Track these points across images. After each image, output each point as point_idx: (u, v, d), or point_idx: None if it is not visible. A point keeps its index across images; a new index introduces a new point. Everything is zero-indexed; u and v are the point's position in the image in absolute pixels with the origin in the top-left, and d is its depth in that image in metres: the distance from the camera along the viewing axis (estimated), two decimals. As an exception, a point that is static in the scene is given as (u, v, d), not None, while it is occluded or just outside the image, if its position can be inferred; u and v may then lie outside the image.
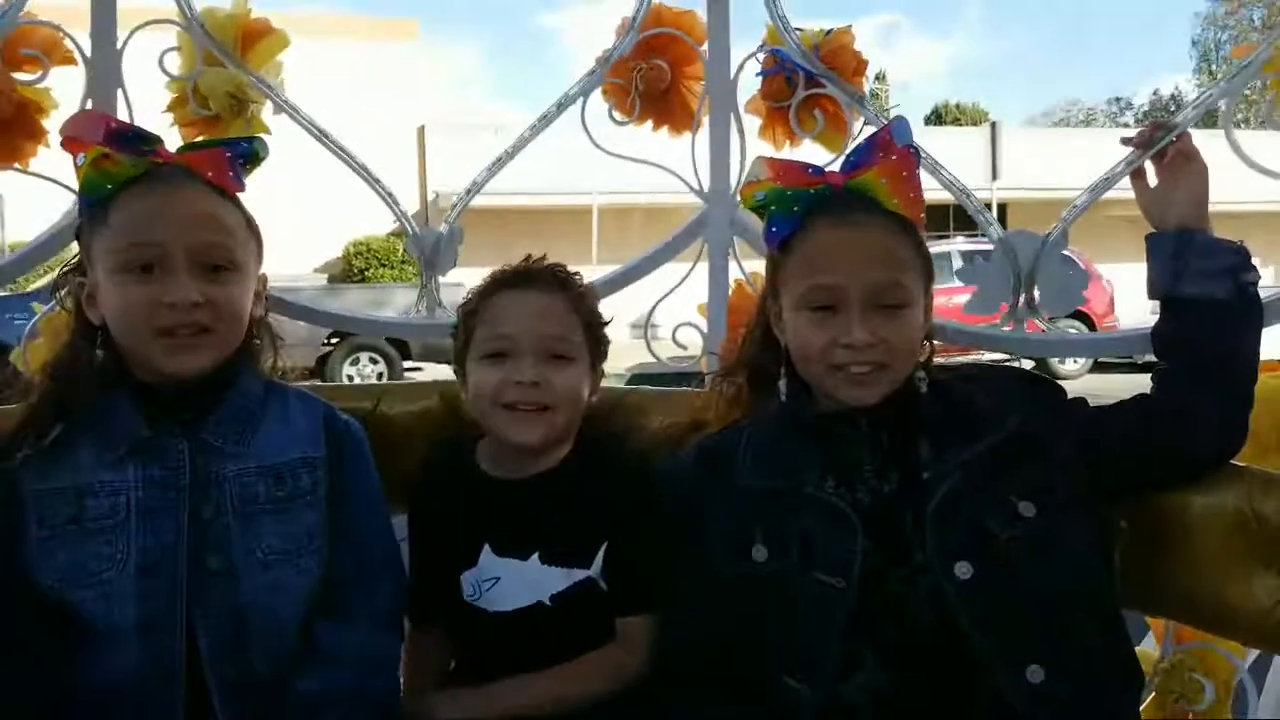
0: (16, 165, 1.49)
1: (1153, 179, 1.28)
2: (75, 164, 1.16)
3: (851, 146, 1.50)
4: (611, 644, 1.23)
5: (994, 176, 18.15)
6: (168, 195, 1.14)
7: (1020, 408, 1.16)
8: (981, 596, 1.06)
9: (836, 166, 1.22)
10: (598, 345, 1.32)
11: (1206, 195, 1.21)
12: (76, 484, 1.11)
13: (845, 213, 1.15)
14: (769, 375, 1.24)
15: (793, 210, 1.17)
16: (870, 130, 1.39)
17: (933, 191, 1.49)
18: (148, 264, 1.12)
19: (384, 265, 15.69)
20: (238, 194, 1.20)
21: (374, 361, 9.74)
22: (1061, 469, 1.13)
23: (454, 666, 1.33)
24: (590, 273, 1.40)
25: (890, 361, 1.14)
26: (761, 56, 1.60)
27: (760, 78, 1.60)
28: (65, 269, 1.22)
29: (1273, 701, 1.44)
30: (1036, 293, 1.47)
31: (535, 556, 1.24)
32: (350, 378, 9.56)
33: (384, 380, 9.63)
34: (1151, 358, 1.23)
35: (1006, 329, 1.49)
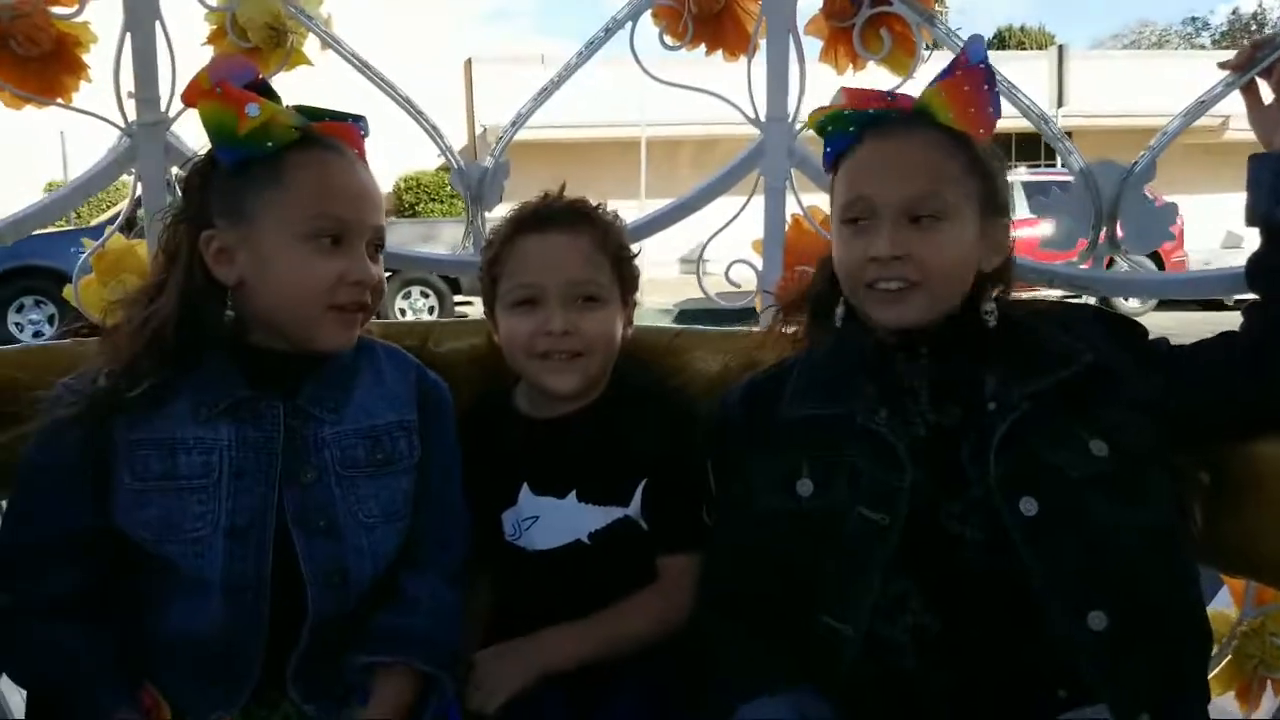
0: (59, 100, 1.46)
1: (1267, 95, 1.18)
2: (243, 114, 1.06)
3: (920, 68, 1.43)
4: (656, 584, 1.21)
5: (1060, 104, 17.44)
6: (350, 169, 1.14)
7: (1095, 343, 1.09)
8: (1046, 534, 0.99)
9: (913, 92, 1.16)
10: (627, 280, 1.28)
11: None
12: (170, 438, 1.09)
13: (895, 129, 1.11)
14: (829, 307, 1.20)
15: (848, 130, 1.13)
16: (940, 53, 1.31)
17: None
18: (338, 237, 1.11)
19: (434, 200, 15.71)
20: None
21: (425, 296, 9.80)
22: (1137, 410, 1.06)
23: (498, 609, 1.31)
24: (638, 207, 1.34)
25: (923, 279, 1.07)
26: (824, -27, 1.50)
27: (822, -3, 1.50)
28: (178, 218, 1.15)
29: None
30: (1119, 228, 1.37)
31: (572, 495, 1.23)
32: (402, 311, 9.64)
33: (435, 314, 9.73)
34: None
35: (1084, 266, 1.40)
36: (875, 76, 1.40)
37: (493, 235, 1.29)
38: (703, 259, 1.67)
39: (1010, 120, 1.44)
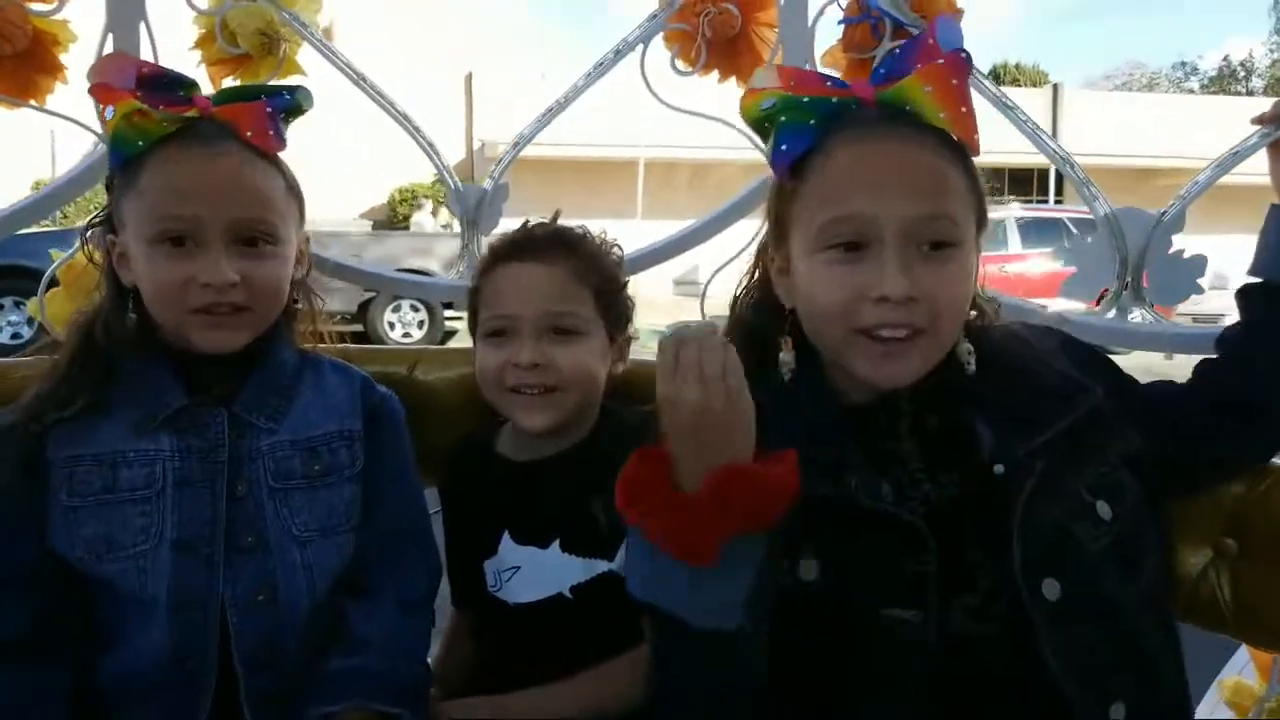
0: (33, 102, 1.38)
1: None
2: (102, 115, 1.06)
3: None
4: (641, 648, 1.10)
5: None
6: (204, 162, 1.04)
7: (1086, 382, 0.94)
8: (1070, 621, 0.86)
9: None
10: (613, 314, 1.21)
11: None
12: (110, 452, 1.04)
13: (878, 127, 0.89)
14: (764, 345, 0.97)
15: (808, 122, 0.89)
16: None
17: (987, 154, 1.33)
18: (179, 237, 1.03)
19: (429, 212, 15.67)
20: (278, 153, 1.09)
21: (415, 310, 9.71)
22: (1128, 461, 0.94)
23: (480, 662, 1.25)
24: (634, 227, 1.27)
25: (932, 325, 0.88)
26: (844, 2, 1.44)
27: (842, 25, 1.43)
28: (92, 221, 1.13)
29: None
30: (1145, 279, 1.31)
31: (555, 545, 1.16)
32: (391, 324, 9.55)
33: (425, 329, 9.64)
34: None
35: (1108, 316, 1.34)
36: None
37: (481, 257, 1.24)
38: (701, 284, 1.61)
39: (1004, 155, 1.38)
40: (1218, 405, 1.02)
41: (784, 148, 0.90)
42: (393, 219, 15.54)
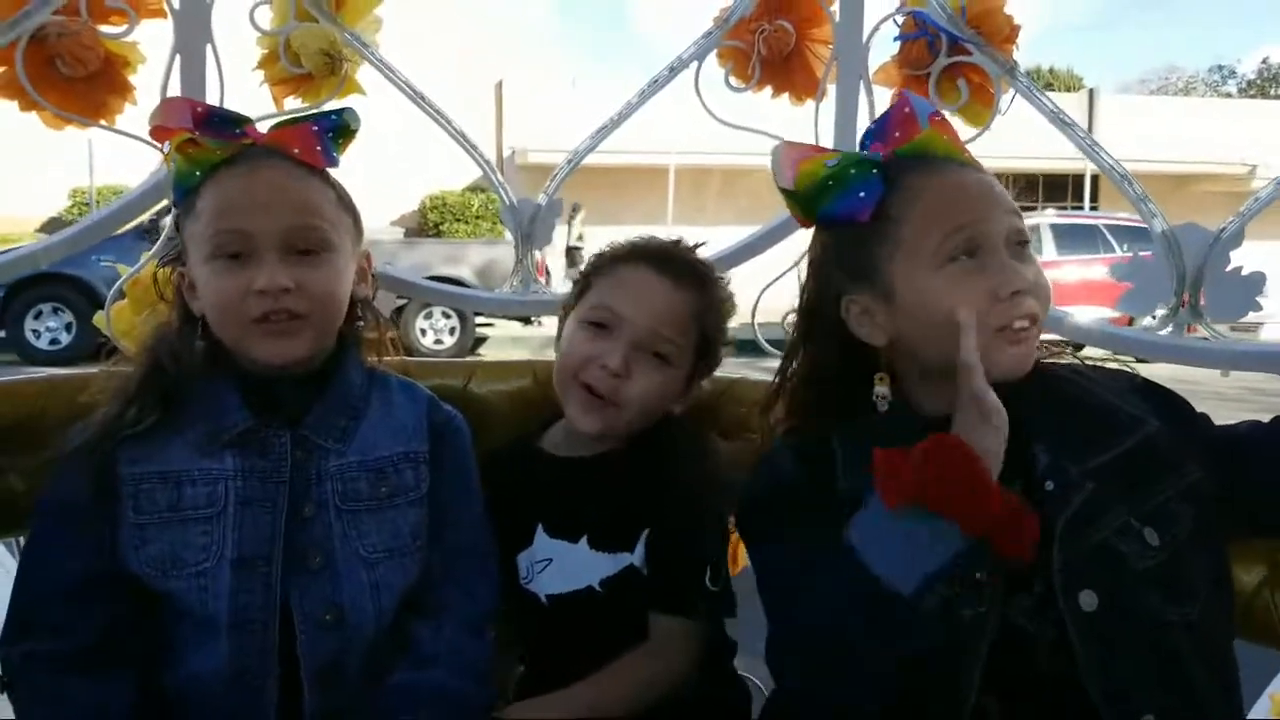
0: (103, 122, 1.42)
1: None
2: (163, 152, 1.11)
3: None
4: (645, 646, 1.14)
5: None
6: (252, 177, 1.08)
7: (1147, 415, 1.01)
8: (1104, 632, 0.92)
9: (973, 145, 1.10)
10: (705, 358, 1.23)
11: None
12: (175, 470, 1.07)
13: (940, 163, 1.00)
14: (851, 391, 1.04)
15: (873, 172, 0.99)
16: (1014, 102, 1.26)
17: (1021, 160, 1.33)
18: (236, 252, 1.06)
19: (459, 220, 15.76)
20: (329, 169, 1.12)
21: (446, 316, 9.79)
22: (1188, 494, 0.98)
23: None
24: (665, 234, 1.29)
25: (1038, 319, 0.98)
26: (900, 19, 1.44)
27: (898, 42, 1.44)
28: (165, 259, 1.19)
29: None
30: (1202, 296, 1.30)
31: (584, 540, 1.18)
32: (423, 331, 9.64)
33: (456, 335, 9.72)
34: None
35: (1164, 332, 1.33)
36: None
37: (610, 247, 1.25)
38: (755, 306, 1.61)
39: (1037, 161, 1.37)
40: None
41: (862, 195, 0.98)
42: (423, 226, 15.68)
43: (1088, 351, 1.36)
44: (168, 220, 1.45)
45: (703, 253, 1.27)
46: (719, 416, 1.38)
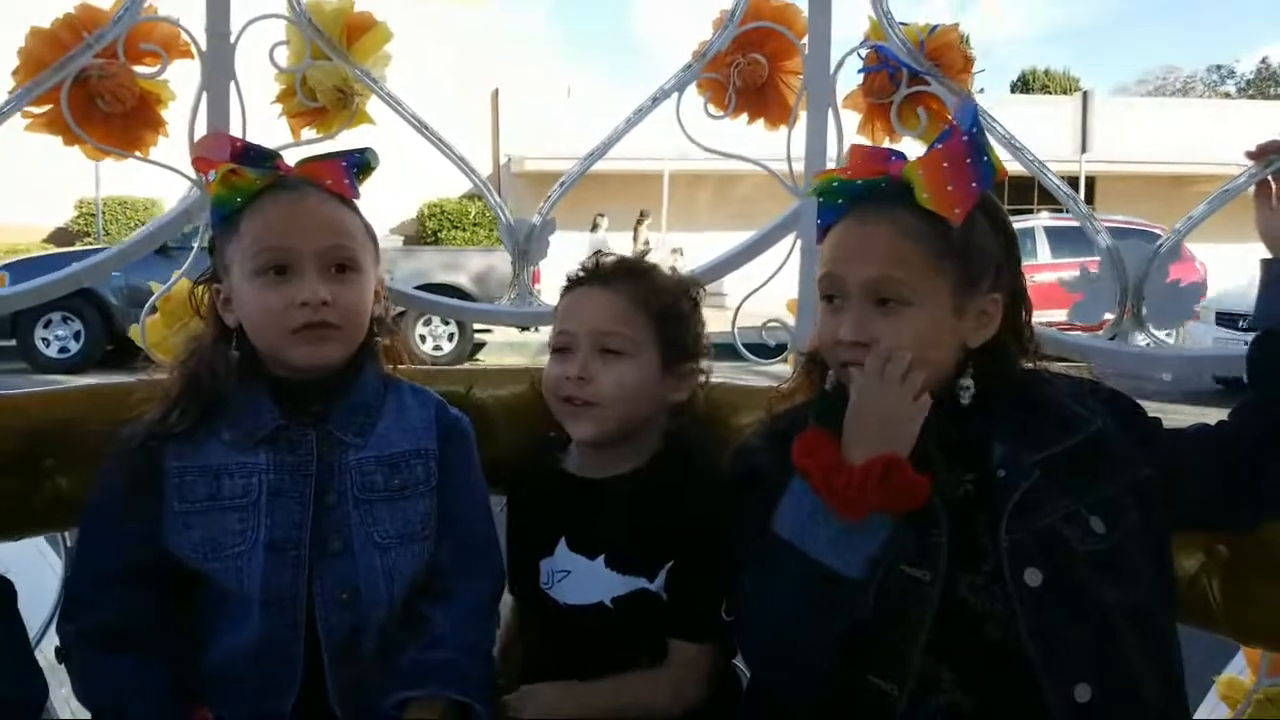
0: (137, 154, 1.55)
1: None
2: (206, 180, 1.25)
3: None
4: (664, 667, 1.24)
5: (1083, 149, 17.50)
6: (294, 203, 1.22)
7: (1099, 416, 1.13)
8: (1046, 607, 1.03)
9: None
10: (670, 339, 1.30)
11: None
12: (214, 465, 1.20)
13: (872, 207, 1.11)
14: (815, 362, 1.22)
15: (837, 202, 1.13)
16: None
17: (1018, 164, 1.45)
18: (281, 266, 1.19)
19: (456, 228, 15.87)
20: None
21: (445, 323, 9.91)
22: (1135, 489, 1.10)
23: (529, 654, 1.38)
24: (659, 239, 1.40)
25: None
26: (864, 52, 1.58)
27: (862, 74, 1.57)
28: (200, 280, 1.31)
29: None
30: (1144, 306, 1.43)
31: (601, 558, 1.27)
32: (423, 337, 9.76)
33: (455, 341, 9.84)
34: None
35: (1108, 340, 1.46)
36: (912, 148, 1.47)
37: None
38: (724, 295, 1.74)
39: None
40: (1229, 452, 1.14)
41: (820, 220, 1.15)
42: (422, 234, 15.79)
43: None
44: (197, 241, 1.59)
45: (688, 259, 1.37)
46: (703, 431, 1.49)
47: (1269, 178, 1.23)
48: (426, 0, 15.70)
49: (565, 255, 1.60)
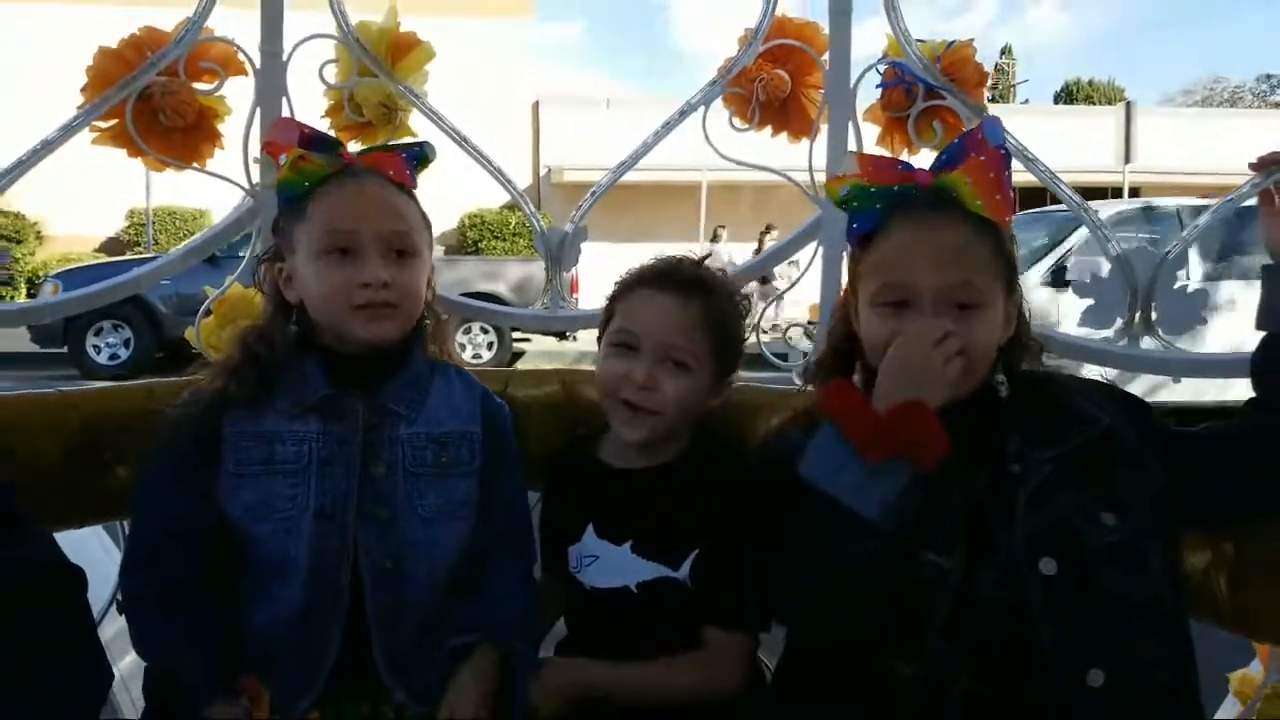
0: (195, 165, 1.66)
1: None
2: (278, 162, 1.34)
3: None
4: (700, 654, 1.29)
5: (1126, 160, 17.26)
6: (359, 189, 1.31)
7: (1109, 415, 1.18)
8: (1060, 594, 1.08)
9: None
10: (725, 356, 1.36)
11: None
12: (269, 431, 1.27)
13: (926, 213, 1.15)
14: (847, 369, 1.27)
15: (875, 207, 1.17)
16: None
17: (1061, 174, 1.49)
18: (345, 248, 1.28)
19: (497, 238, 16.09)
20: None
21: (485, 332, 10.07)
22: (1145, 485, 1.15)
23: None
24: (698, 250, 1.45)
25: (966, 363, 1.13)
26: (882, 68, 1.64)
27: (880, 89, 1.63)
28: (263, 257, 1.40)
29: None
30: (1154, 311, 1.47)
31: (628, 545, 1.33)
32: (463, 346, 9.91)
33: (494, 350, 9.99)
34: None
35: (1120, 344, 1.50)
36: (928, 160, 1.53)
37: (627, 274, 1.41)
38: (759, 320, 1.80)
39: (1075, 175, 1.51)
40: (1235, 451, 1.19)
41: (855, 226, 1.19)
42: (463, 244, 16.03)
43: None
44: (247, 249, 1.69)
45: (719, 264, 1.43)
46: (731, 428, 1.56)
47: (1271, 187, 1.27)
48: (467, 15, 16.01)
49: (599, 266, 1.66)
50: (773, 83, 1.65)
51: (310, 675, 1.23)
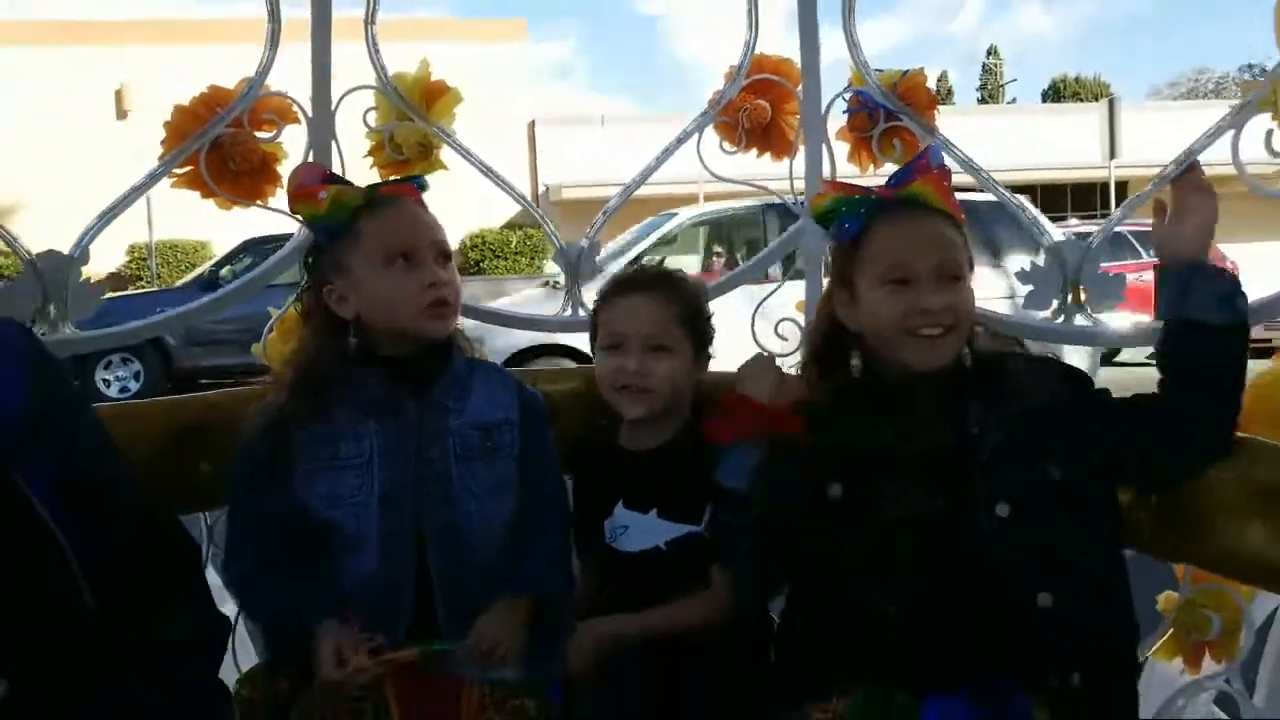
0: (259, 202, 1.92)
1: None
2: (319, 197, 1.53)
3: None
4: (706, 591, 1.53)
5: (1112, 155, 17.57)
6: (403, 209, 1.55)
7: (1055, 385, 1.42)
8: (1014, 534, 1.31)
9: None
10: (697, 333, 1.63)
11: (1213, 229, 1.41)
12: (332, 432, 1.49)
13: (907, 212, 1.40)
14: (841, 357, 1.46)
15: (859, 212, 1.41)
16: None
17: (1048, 171, 1.73)
18: (408, 257, 1.50)
19: (499, 257, 16.37)
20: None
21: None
22: (1086, 443, 1.37)
23: (594, 599, 1.68)
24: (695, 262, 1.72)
25: (956, 324, 1.36)
26: (848, 96, 1.91)
27: (846, 114, 1.90)
28: (306, 287, 1.61)
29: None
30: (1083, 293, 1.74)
31: (654, 512, 1.59)
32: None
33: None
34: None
35: (1057, 322, 1.76)
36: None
37: (600, 291, 1.68)
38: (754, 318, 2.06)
39: (1065, 172, 1.75)
40: (1150, 419, 1.41)
41: (846, 226, 1.42)
42: (465, 265, 16.30)
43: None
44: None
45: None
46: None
47: (1165, 198, 1.48)
48: (463, 40, 16.34)
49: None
50: (755, 112, 1.93)
51: (387, 635, 1.43)
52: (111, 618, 1.14)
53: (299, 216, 1.60)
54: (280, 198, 1.94)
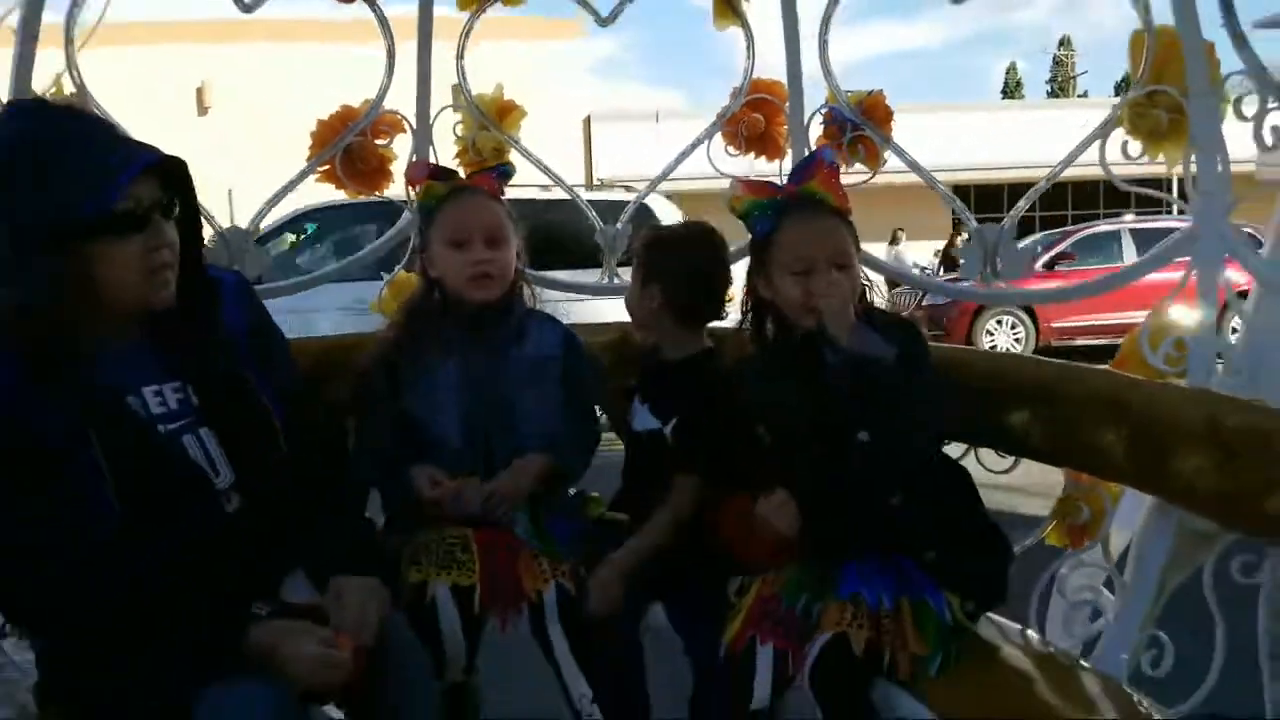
0: (377, 194, 2.55)
1: None
2: (414, 191, 2.14)
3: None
4: (668, 500, 1.90)
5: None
6: (466, 201, 2.01)
7: (907, 339, 1.72)
8: (870, 453, 1.63)
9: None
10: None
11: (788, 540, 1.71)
12: (426, 360, 1.96)
13: (808, 212, 1.72)
14: (762, 323, 1.83)
15: (769, 213, 1.74)
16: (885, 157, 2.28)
17: (1082, 168, 2.28)
18: (459, 241, 1.96)
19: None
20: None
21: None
22: (924, 383, 1.69)
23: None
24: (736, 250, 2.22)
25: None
26: (824, 111, 2.47)
27: (823, 125, 2.47)
28: (414, 250, 2.25)
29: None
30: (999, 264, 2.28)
31: (647, 408, 2.04)
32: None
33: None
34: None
35: (978, 288, 2.31)
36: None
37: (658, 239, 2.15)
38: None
39: (1127, 166, 2.21)
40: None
41: (759, 228, 1.77)
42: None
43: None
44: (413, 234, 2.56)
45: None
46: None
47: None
48: (521, 38, 16.95)
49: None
50: (752, 123, 2.50)
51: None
52: (302, 472, 1.66)
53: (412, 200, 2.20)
54: (391, 189, 2.58)
